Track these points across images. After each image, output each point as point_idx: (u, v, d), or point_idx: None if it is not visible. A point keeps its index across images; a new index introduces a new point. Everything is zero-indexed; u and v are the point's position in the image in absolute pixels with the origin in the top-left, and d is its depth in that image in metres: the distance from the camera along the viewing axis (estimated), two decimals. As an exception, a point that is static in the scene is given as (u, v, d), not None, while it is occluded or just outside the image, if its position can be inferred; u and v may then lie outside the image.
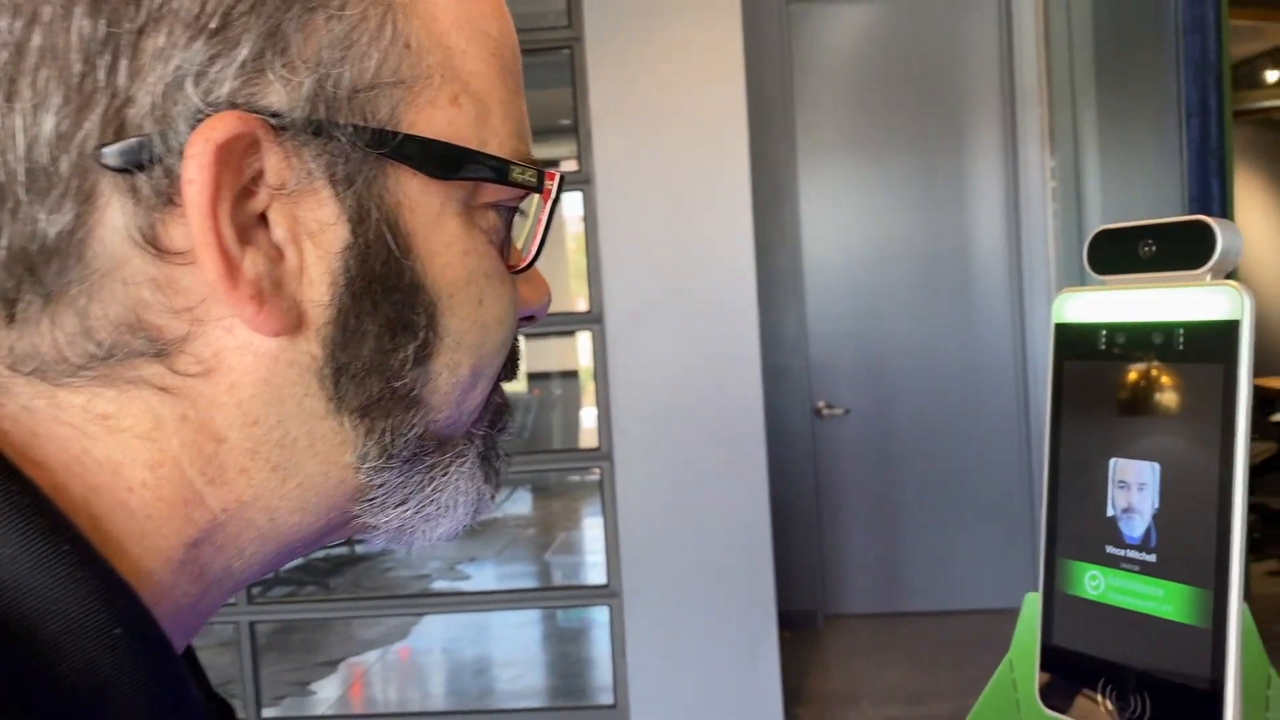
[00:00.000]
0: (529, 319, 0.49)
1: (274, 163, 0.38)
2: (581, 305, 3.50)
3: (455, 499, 0.46)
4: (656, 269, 3.35)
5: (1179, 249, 0.62)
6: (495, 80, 0.44)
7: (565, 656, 4.33)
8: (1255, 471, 5.11)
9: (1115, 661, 0.64)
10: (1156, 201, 3.57)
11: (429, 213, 0.41)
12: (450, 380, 0.44)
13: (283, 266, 0.39)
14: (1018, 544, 4.49)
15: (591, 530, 6.01)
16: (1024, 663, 1.59)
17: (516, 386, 7.94)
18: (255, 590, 3.71)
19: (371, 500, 0.44)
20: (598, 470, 3.51)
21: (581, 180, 3.39)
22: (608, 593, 3.49)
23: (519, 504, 7.55)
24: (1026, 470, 4.48)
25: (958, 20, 4.42)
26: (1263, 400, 5.41)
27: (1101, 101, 3.92)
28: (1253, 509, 5.40)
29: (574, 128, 3.43)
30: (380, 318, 0.41)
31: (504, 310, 0.45)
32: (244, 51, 0.37)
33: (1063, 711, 0.67)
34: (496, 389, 0.48)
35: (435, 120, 0.41)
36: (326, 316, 0.40)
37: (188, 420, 0.40)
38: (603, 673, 3.83)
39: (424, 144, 0.41)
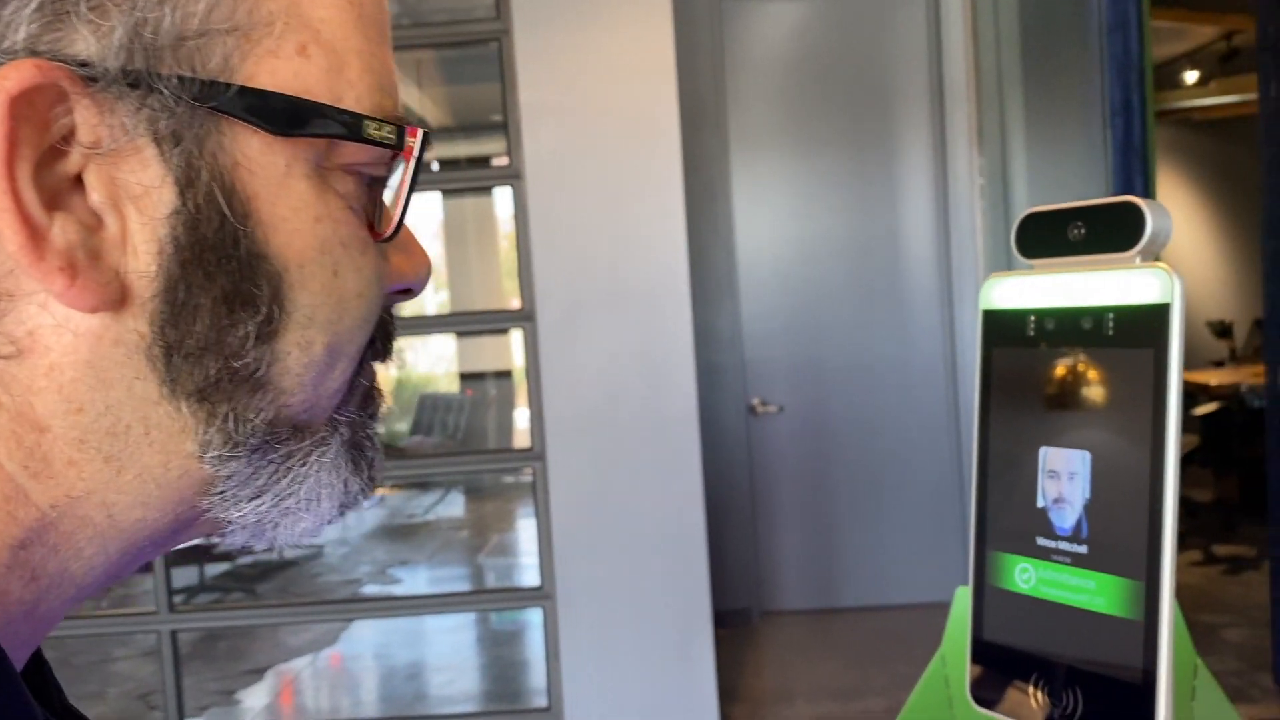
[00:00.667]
0: (405, 292, 0.45)
1: (86, 118, 0.34)
2: (514, 303, 3.46)
3: (317, 491, 0.42)
4: (589, 266, 3.32)
5: (1108, 231, 0.61)
6: (352, 29, 0.39)
7: (499, 660, 4.29)
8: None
9: (1046, 656, 0.62)
10: (1081, 198, 3.63)
11: (273, 174, 0.37)
12: (302, 360, 0.39)
13: (101, 234, 0.35)
14: (950, 538, 4.54)
15: (525, 532, 5.97)
16: (956, 658, 1.57)
17: (449, 387, 7.85)
18: (178, 598, 3.60)
19: (221, 493, 0.40)
20: (530, 471, 3.47)
21: (511, 175, 3.35)
22: (541, 594, 3.45)
23: (451, 506, 7.47)
24: (957, 464, 4.53)
25: (888, 19, 4.46)
26: (1185, 394, 5.54)
27: (1028, 100, 3.97)
28: (1175, 501, 5.53)
29: (503, 122, 3.38)
30: (215, 290, 0.37)
31: (365, 283, 0.41)
32: None
33: (994, 706, 0.65)
34: (365, 370, 0.44)
35: (279, 72, 0.37)
36: (153, 289, 0.36)
37: (2, 408, 0.36)
38: (537, 675, 3.79)
39: (263, 97, 0.36)
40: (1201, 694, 1.39)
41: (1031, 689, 0.63)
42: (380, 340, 0.44)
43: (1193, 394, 5.61)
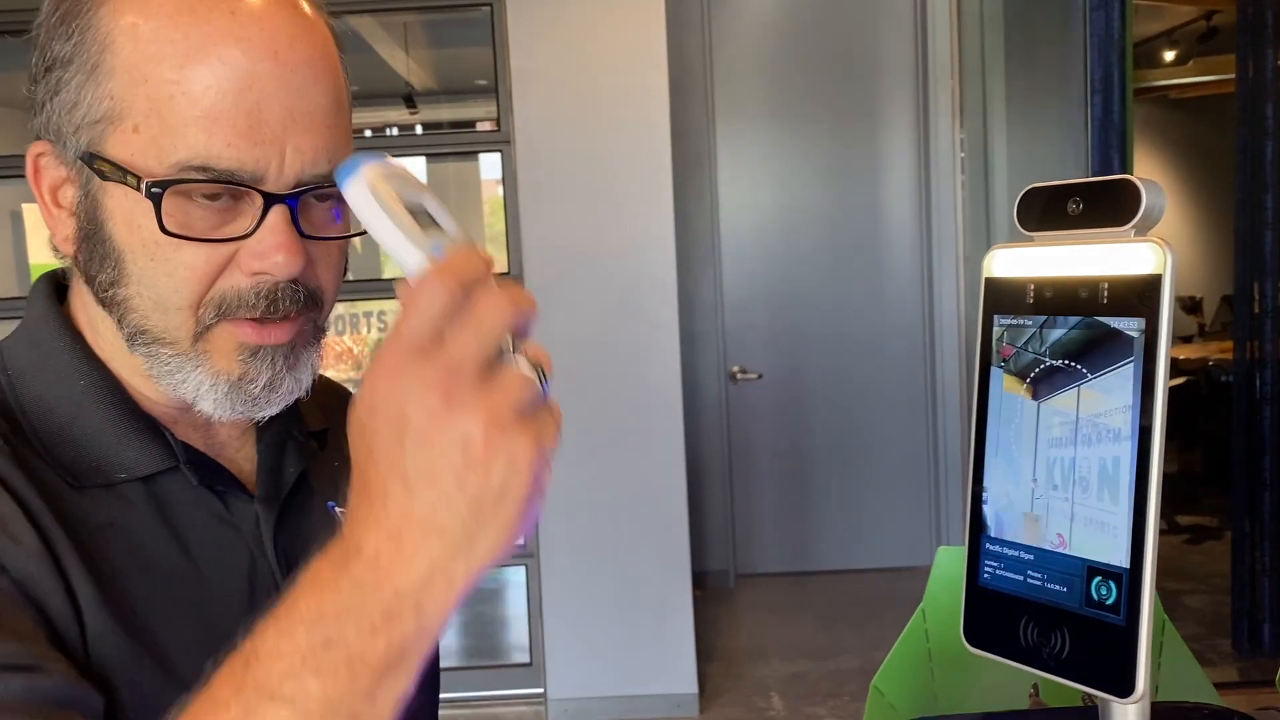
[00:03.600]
0: (264, 273, 0.68)
1: (50, 164, 0.70)
2: (500, 267, 3.49)
3: (200, 383, 0.69)
4: (576, 232, 3.36)
5: (1105, 207, 0.65)
6: (183, 109, 0.64)
7: (481, 616, 4.34)
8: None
9: (1037, 601, 0.68)
10: (1060, 174, 3.69)
11: (117, 197, 0.67)
12: (141, 301, 0.68)
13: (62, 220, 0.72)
14: (921, 505, 4.64)
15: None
16: (936, 613, 1.64)
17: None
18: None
19: (155, 370, 0.70)
20: (515, 432, 3.51)
21: (501, 141, 3.37)
22: (525, 553, 3.51)
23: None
24: (931, 433, 4.61)
25: (874, -8, 4.49)
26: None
27: (1010, 76, 4.03)
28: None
29: (494, 88, 3.40)
30: (92, 251, 0.69)
31: (173, 269, 0.66)
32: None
33: (987, 647, 0.71)
34: (240, 325, 0.68)
35: (120, 144, 0.66)
36: (76, 245, 0.70)
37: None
38: (518, 632, 3.85)
39: (101, 159, 0.66)
40: (1168, 650, 1.46)
41: (1022, 633, 0.69)
42: (252, 307, 0.68)
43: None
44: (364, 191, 0.52)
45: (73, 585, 0.64)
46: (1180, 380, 5.69)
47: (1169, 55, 6.62)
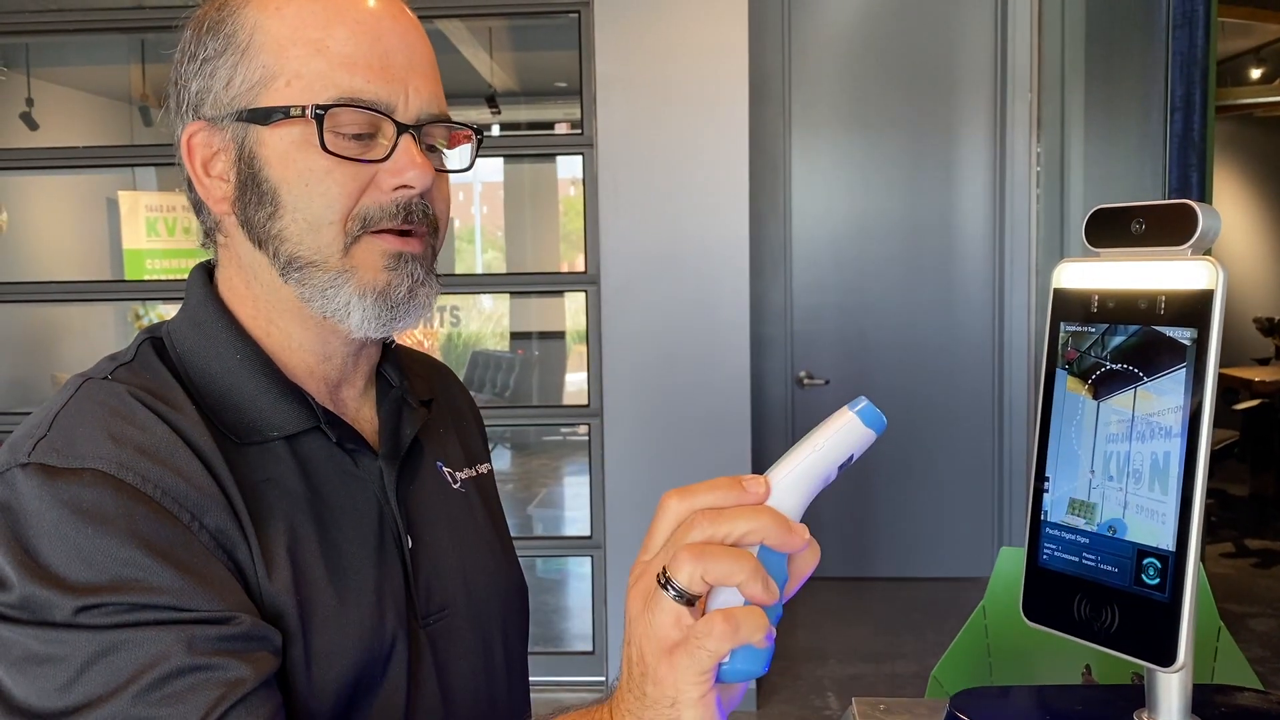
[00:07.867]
0: (404, 187, 0.81)
1: (206, 137, 0.84)
2: (568, 266, 3.59)
3: (352, 298, 0.81)
4: (653, 234, 3.45)
5: (1165, 228, 0.73)
6: (329, 58, 0.79)
7: (545, 605, 4.45)
8: (1216, 457, 5.27)
9: (1090, 580, 0.75)
10: (1137, 190, 3.69)
11: (270, 141, 0.80)
12: (295, 228, 0.80)
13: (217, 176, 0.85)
14: (984, 518, 4.64)
15: (571, 487, 6.12)
16: (996, 609, 1.72)
17: (500, 345, 8.00)
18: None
19: (310, 299, 0.81)
20: (585, 427, 3.61)
21: (584, 144, 3.47)
22: (591, 544, 3.60)
23: (498, 460, 7.63)
24: (997, 447, 4.61)
25: (954, 5, 4.51)
26: (1227, 389, 5.57)
27: (1090, 91, 4.03)
28: (1212, 494, 5.56)
29: (578, 92, 3.50)
30: (250, 194, 0.81)
31: (325, 189, 0.79)
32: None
33: (1044, 622, 0.79)
34: (376, 237, 0.81)
35: (277, 95, 0.79)
36: (234, 196, 0.83)
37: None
38: (582, 622, 3.94)
39: (260, 110, 0.79)
40: (1223, 654, 1.51)
41: (1075, 609, 0.76)
42: (392, 217, 0.81)
43: (1235, 389, 5.64)
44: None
45: (245, 530, 0.76)
46: (1255, 403, 5.61)
47: (1255, 73, 6.53)
